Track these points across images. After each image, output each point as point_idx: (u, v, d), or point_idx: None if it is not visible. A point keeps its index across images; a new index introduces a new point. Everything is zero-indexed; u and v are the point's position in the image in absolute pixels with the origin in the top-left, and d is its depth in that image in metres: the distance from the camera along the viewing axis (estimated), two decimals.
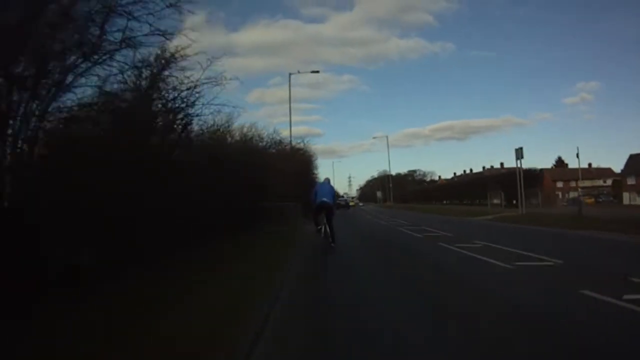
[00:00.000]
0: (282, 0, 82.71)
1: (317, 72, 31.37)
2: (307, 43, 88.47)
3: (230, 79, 8.89)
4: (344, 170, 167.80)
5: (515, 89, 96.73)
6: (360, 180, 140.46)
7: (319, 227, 9.59)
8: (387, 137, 68.47)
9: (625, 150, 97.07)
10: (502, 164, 70.48)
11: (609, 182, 61.77)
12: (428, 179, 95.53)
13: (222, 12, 69.56)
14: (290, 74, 27.23)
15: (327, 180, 10.46)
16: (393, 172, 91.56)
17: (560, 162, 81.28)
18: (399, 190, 73.92)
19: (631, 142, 72.32)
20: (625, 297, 4.08)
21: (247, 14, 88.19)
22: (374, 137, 79.02)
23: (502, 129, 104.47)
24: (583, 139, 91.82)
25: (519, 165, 20.08)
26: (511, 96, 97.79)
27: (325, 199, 9.29)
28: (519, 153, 19.29)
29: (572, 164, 63.36)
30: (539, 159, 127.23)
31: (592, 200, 53.62)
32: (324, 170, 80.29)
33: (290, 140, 24.37)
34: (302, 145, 24.61)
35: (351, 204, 53.48)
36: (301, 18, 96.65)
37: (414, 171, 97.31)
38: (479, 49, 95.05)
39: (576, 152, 76.02)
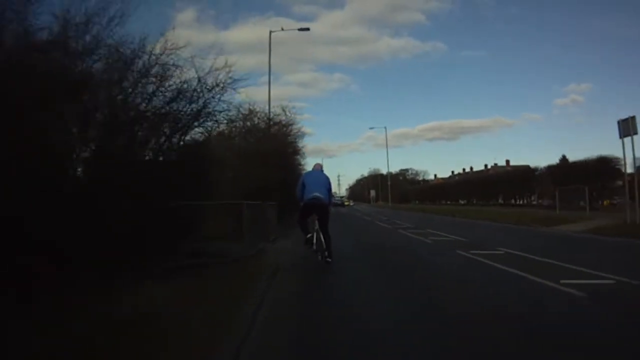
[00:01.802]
0: None
1: (307, 29, 23.77)
2: (297, 41, 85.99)
3: None
4: (333, 170, 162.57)
5: (505, 89, 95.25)
6: (349, 179, 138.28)
7: (308, 236, 6.74)
8: (385, 128, 60.39)
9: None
10: (507, 161, 65.19)
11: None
12: (421, 177, 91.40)
13: (213, 9, 65.33)
14: (271, 32, 20.58)
15: (319, 168, 7.15)
16: (384, 171, 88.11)
17: (564, 161, 76.49)
18: (392, 190, 67.85)
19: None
20: None
21: (237, 12, 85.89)
22: (371, 128, 75.03)
23: (492, 129, 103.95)
24: (575, 139, 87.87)
25: (627, 149, 12.16)
26: (501, 97, 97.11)
27: (317, 194, 6.45)
28: (630, 126, 11.99)
29: None
30: (532, 158, 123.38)
31: (608, 201, 47.77)
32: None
33: (269, 113, 16.66)
34: (282, 116, 16.42)
35: (346, 203, 52.70)
36: (292, 16, 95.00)
37: (406, 170, 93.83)
38: (470, 49, 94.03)
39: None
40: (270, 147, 14.26)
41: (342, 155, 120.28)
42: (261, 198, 11.29)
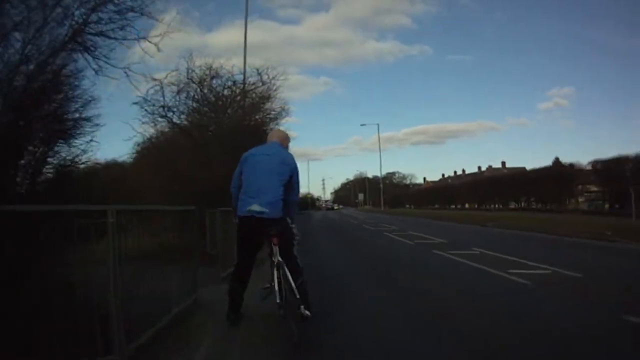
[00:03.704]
0: (258, 1, 77.39)
1: None
2: (282, 44, 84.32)
3: None
4: (318, 174, 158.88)
5: (490, 93, 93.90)
6: (334, 183, 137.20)
7: (230, 291, 3.49)
8: (377, 125, 55.06)
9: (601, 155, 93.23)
10: (503, 163, 62.63)
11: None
12: (408, 181, 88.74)
13: (197, 11, 63.53)
14: None
15: (279, 140, 3.60)
16: (370, 175, 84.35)
17: (558, 163, 72.95)
18: (378, 193, 64.38)
19: (607, 147, 67.37)
20: None
21: (222, 14, 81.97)
22: (362, 125, 71.94)
23: (477, 133, 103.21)
24: (560, 142, 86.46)
25: None
26: (485, 101, 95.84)
27: (257, 206, 3.20)
28: None
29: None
30: (523, 161, 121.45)
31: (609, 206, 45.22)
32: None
33: (244, 82, 12.08)
34: (258, 83, 11.63)
35: (335, 207, 51.69)
36: (277, 19, 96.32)
37: (393, 173, 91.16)
38: (456, 53, 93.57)
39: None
40: (239, 130, 9.76)
41: (327, 159, 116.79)
42: (221, 203, 6.83)
